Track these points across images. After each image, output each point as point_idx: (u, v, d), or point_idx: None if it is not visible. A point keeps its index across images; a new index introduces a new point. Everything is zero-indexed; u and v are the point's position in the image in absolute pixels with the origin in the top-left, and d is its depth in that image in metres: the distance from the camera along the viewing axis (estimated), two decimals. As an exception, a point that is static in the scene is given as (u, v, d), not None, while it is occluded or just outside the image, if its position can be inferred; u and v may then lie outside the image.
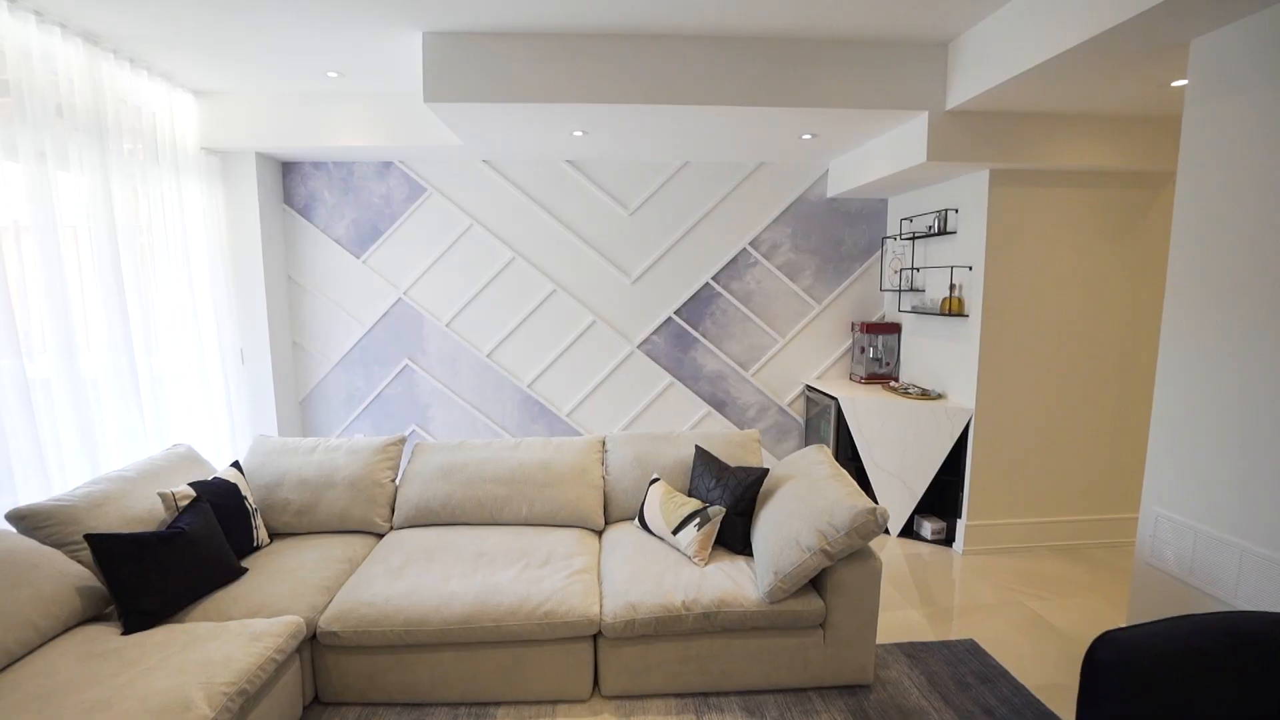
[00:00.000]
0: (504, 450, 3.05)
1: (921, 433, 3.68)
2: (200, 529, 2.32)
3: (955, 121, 3.12)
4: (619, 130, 3.48)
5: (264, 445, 3.03)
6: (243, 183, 3.89)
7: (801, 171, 4.41)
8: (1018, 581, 3.29)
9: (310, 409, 4.44)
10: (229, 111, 3.67)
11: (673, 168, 4.35)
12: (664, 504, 2.73)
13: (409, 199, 4.28)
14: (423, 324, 4.41)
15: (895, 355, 4.39)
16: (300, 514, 2.85)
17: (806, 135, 3.59)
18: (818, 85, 3.03)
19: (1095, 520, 3.69)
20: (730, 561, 2.54)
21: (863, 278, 4.53)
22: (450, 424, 4.50)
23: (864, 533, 2.21)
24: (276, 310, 4.16)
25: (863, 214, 4.48)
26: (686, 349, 4.52)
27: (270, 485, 2.87)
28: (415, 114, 3.70)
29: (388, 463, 3.01)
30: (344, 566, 2.57)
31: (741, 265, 4.47)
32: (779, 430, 4.65)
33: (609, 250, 4.40)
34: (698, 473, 2.84)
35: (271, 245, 4.09)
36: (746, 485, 2.62)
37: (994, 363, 3.51)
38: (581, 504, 2.91)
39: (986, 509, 3.62)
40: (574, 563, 2.54)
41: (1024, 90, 2.78)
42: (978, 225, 3.49)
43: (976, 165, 3.27)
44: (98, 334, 2.94)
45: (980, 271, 3.47)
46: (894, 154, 3.45)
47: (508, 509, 2.89)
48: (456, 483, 2.92)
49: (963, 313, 3.62)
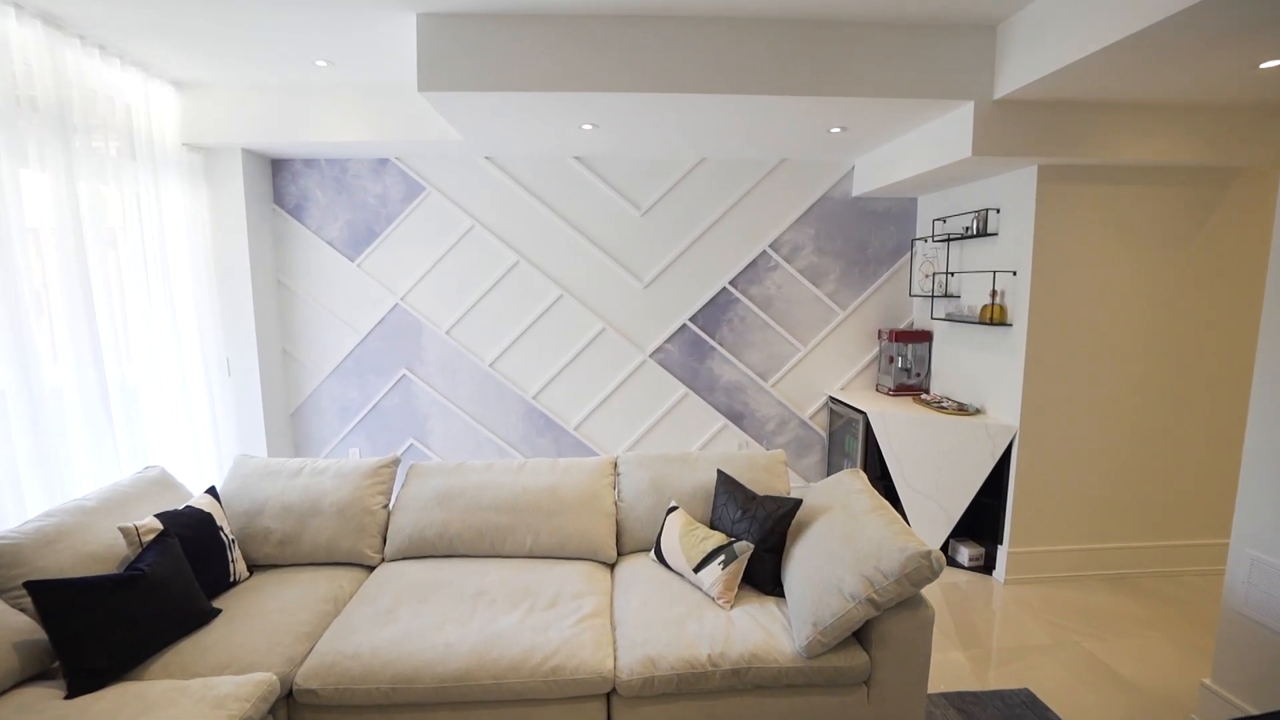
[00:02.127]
0: (506, 474, 2.78)
1: (959, 451, 3.39)
2: (165, 569, 2.06)
3: (1003, 112, 2.83)
4: (631, 123, 3.21)
5: (245, 467, 2.77)
6: (228, 181, 3.64)
7: (825, 169, 4.13)
8: (1069, 617, 3.00)
9: (302, 422, 4.18)
10: (212, 104, 3.42)
11: (688, 164, 4.07)
12: (684, 537, 2.46)
13: (406, 198, 4.02)
14: (421, 331, 4.15)
15: (926, 366, 4.10)
16: (283, 544, 2.59)
17: (835, 129, 3.31)
18: (851, 73, 2.75)
19: (1148, 548, 3.39)
20: (759, 604, 2.26)
21: (890, 282, 4.25)
22: (450, 437, 4.24)
23: (916, 579, 1.93)
24: (265, 317, 3.90)
25: (890, 214, 4.19)
26: (702, 358, 4.24)
27: (250, 512, 2.62)
28: (412, 107, 3.44)
29: (379, 487, 2.75)
30: (327, 607, 2.31)
31: (761, 269, 4.19)
32: (800, 445, 4.37)
33: (620, 253, 4.13)
34: (721, 501, 2.56)
35: (260, 247, 3.84)
36: (777, 518, 2.34)
37: (1041, 376, 3.22)
38: (592, 534, 2.64)
39: (1031, 535, 3.33)
40: (584, 604, 2.27)
41: (1083, 77, 2.49)
42: (1023, 226, 3.20)
43: (1025, 160, 2.98)
44: (62, 343, 2.68)
45: (1026, 276, 3.18)
46: (933, 148, 3.16)
47: (510, 540, 2.63)
48: (454, 510, 2.66)
49: (1005, 321, 3.33)
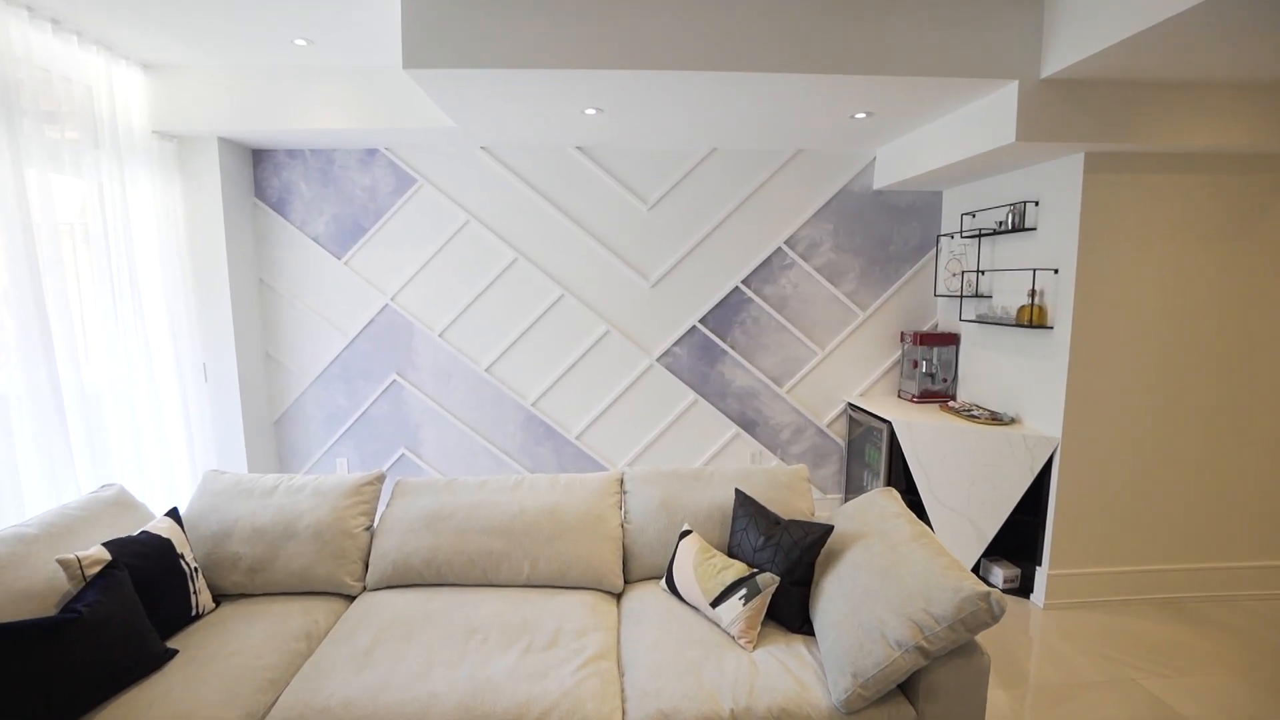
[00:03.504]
0: (502, 492, 2.52)
1: (994, 464, 3.12)
2: (109, 607, 1.80)
3: (1051, 93, 2.56)
4: (638, 107, 2.95)
5: (213, 485, 2.51)
6: (204, 172, 3.38)
7: (844, 160, 3.86)
8: (1120, 648, 2.73)
9: (285, 431, 3.92)
10: (184, 88, 3.16)
11: (698, 155, 3.80)
12: (699, 566, 2.19)
13: (397, 191, 3.76)
14: (413, 334, 3.89)
15: (953, 371, 3.83)
16: (253, 572, 2.33)
17: (860, 114, 3.04)
18: (880, 49, 2.48)
19: (1204, 570, 3.12)
20: (786, 645, 2.00)
21: (913, 281, 3.97)
22: (444, 447, 3.97)
23: (972, 625, 1.67)
24: (245, 319, 3.64)
25: (914, 209, 3.92)
26: (713, 362, 3.98)
27: (217, 536, 2.36)
28: (401, 91, 3.18)
29: (361, 507, 2.49)
30: (298, 646, 2.05)
31: (776, 267, 3.92)
32: (817, 454, 4.10)
33: (625, 250, 3.87)
34: (740, 525, 2.30)
35: (239, 244, 3.58)
36: (805, 547, 2.08)
37: (1085, 383, 2.95)
38: (596, 560, 2.38)
39: (1073, 555, 3.06)
40: (588, 644, 2.01)
41: (1144, 52, 2.23)
42: (1066, 220, 2.93)
43: (1072, 147, 2.71)
44: (8, 344, 2.43)
45: (1069, 274, 2.91)
46: (969, 135, 2.89)
47: (506, 567, 2.36)
48: (444, 533, 2.39)
49: (1045, 323, 3.05)
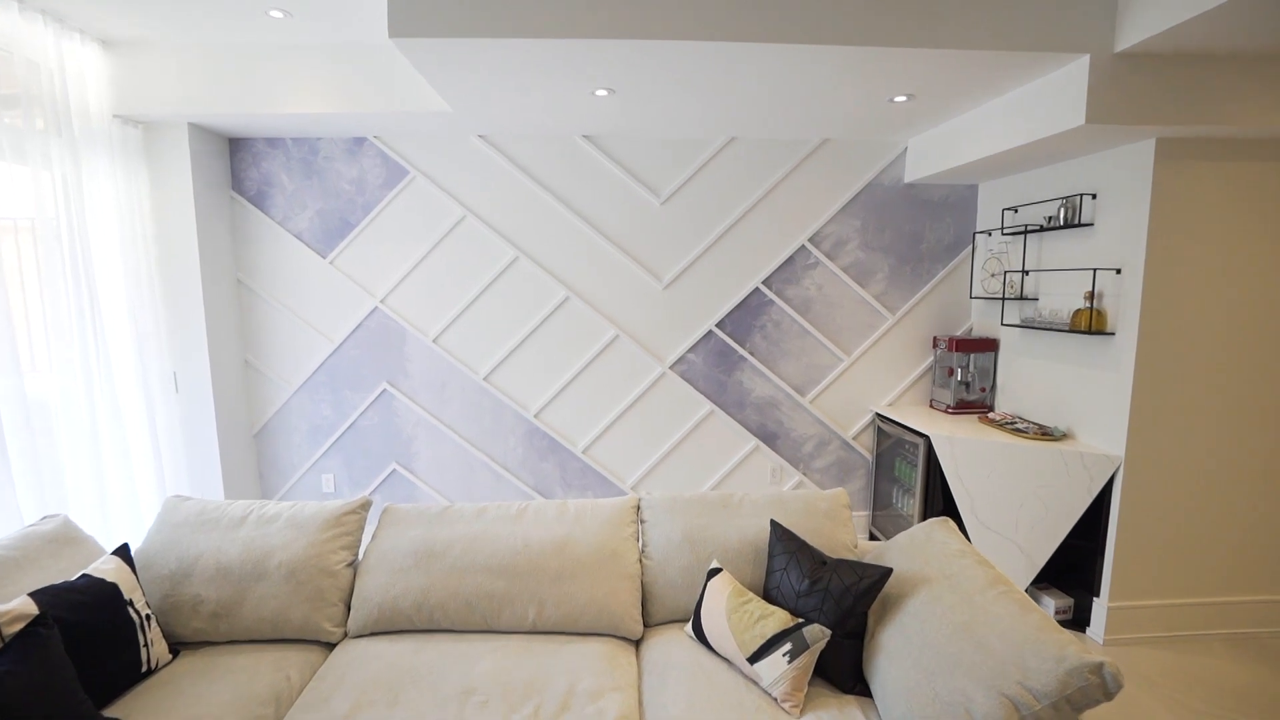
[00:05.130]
0: (503, 523, 2.21)
1: (1047, 484, 2.82)
2: (26, 678, 1.48)
3: (1127, 69, 2.26)
4: (653, 86, 2.64)
5: (174, 515, 2.20)
6: (173, 161, 3.07)
7: (874, 150, 3.56)
8: (1195, 692, 2.43)
9: (266, 445, 3.61)
10: (149, 68, 2.85)
11: (715, 145, 3.50)
12: (733, 612, 1.89)
13: (387, 184, 3.45)
14: (405, 339, 3.58)
15: (991, 379, 3.53)
16: (217, 618, 2.02)
17: (900, 96, 2.74)
18: (931, 19, 2.18)
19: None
20: (838, 707, 1.70)
21: (947, 282, 3.68)
22: (439, 461, 3.67)
23: (1080, 702, 1.36)
24: (220, 323, 3.33)
25: (948, 203, 3.63)
26: (730, 370, 3.67)
27: (176, 575, 2.05)
28: (390, 72, 2.87)
29: (343, 539, 2.18)
30: (265, 711, 1.75)
31: (799, 266, 3.62)
32: (842, 468, 3.80)
33: (636, 248, 3.56)
34: (778, 564, 1.99)
35: (213, 242, 3.27)
36: (859, 594, 1.78)
37: (1152, 395, 2.65)
38: (612, 603, 2.07)
39: (1137, 585, 2.76)
40: (606, 708, 1.71)
41: (1240, 21, 1.93)
42: (1132, 214, 2.63)
43: (1146, 131, 2.41)
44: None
45: (1135, 275, 2.62)
46: (1027, 119, 2.59)
47: (508, 611, 2.06)
48: (437, 572, 2.09)
49: (1105, 329, 2.76)
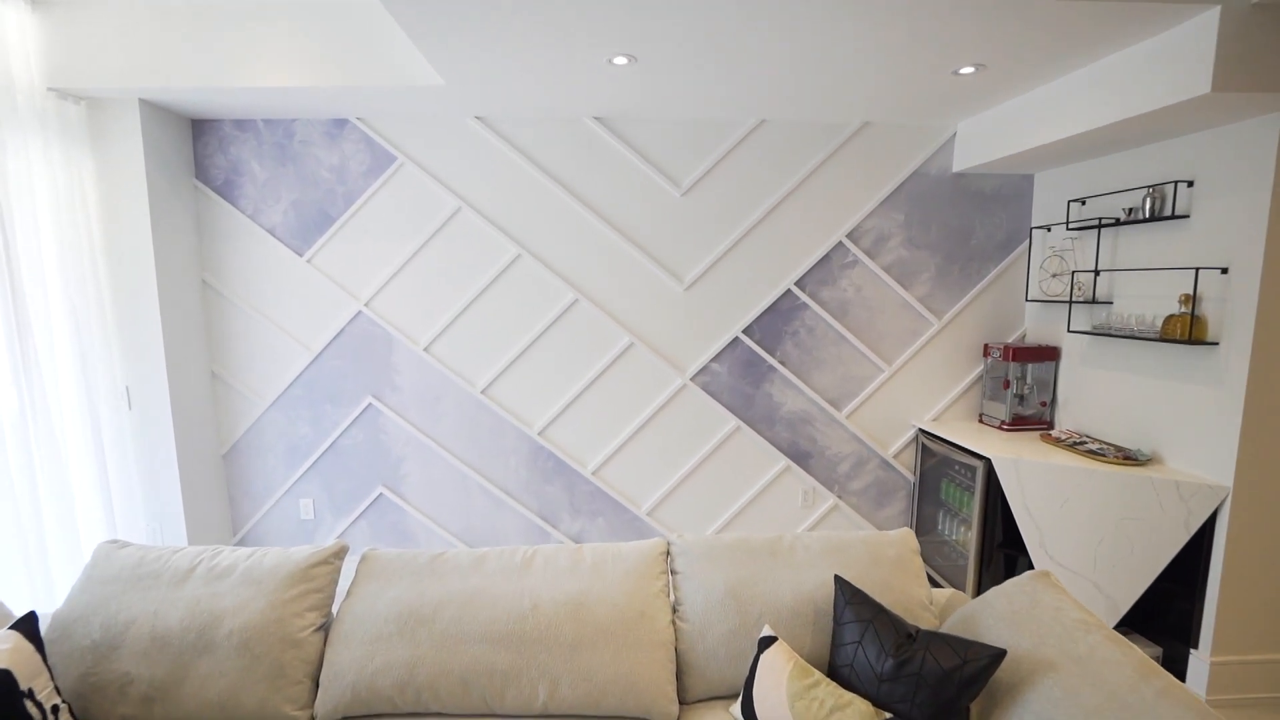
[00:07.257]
0: (505, 576, 1.81)
1: (1134, 518, 2.44)
2: None
3: (1264, 24, 1.88)
4: (681, 49, 2.25)
5: (106, 566, 1.80)
6: (122, 144, 2.66)
7: (919, 136, 3.17)
8: (1328, 771, 2.05)
9: (237, 467, 3.21)
10: (90, 32, 2.45)
11: (743, 128, 3.11)
12: (797, 698, 1.50)
13: (372, 172, 3.05)
14: (392, 348, 3.18)
15: (1051, 392, 3.15)
16: (150, 702, 1.63)
17: (967, 67, 2.35)
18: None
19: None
20: (942, 836, 1.31)
21: (999, 283, 3.29)
22: (431, 484, 3.27)
23: None
24: (181, 330, 2.92)
25: (1000, 195, 3.24)
26: (759, 381, 3.28)
27: (100, 647, 1.65)
28: (374, 38, 2.47)
29: (311, 598, 1.78)
30: (201, 841, 1.35)
31: (835, 266, 3.23)
32: (880, 490, 3.41)
33: (653, 244, 3.17)
34: (849, 635, 1.60)
35: (172, 237, 2.86)
36: (962, 682, 1.39)
37: (1267, 416, 2.27)
38: (640, 679, 1.68)
39: (1246, 639, 2.38)
40: (640, 835, 1.32)
41: None
42: (1243, 203, 2.25)
43: (1274, 99, 2.03)
44: None
45: (1248, 276, 2.23)
46: (1122, 91, 2.21)
47: (513, 692, 1.66)
48: (425, 642, 1.69)
49: (1205, 338, 2.38)
